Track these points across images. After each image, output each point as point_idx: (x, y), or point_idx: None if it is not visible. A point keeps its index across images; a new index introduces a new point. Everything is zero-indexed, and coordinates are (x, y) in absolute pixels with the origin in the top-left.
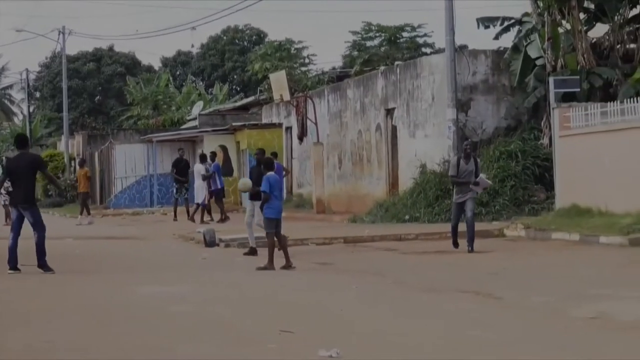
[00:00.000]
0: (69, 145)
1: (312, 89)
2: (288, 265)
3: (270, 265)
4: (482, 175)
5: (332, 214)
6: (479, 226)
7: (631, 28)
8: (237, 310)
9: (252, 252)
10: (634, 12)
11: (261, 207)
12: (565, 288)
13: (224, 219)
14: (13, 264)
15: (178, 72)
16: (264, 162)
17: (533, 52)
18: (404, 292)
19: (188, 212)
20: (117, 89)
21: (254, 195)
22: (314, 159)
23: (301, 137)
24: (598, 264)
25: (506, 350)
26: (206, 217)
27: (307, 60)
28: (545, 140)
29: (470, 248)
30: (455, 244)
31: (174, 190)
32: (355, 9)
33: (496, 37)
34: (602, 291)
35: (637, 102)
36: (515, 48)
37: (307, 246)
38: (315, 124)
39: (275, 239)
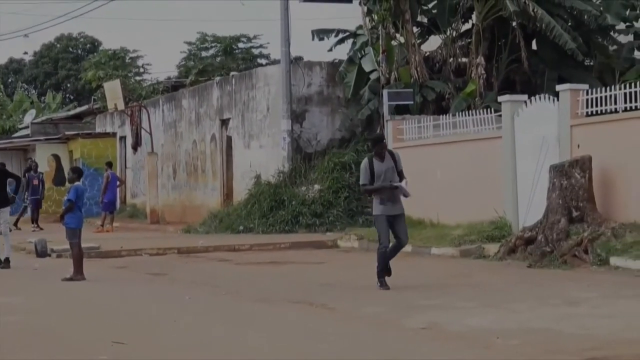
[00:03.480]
0: None
1: (147, 98)
2: (75, 277)
3: (77, 276)
4: (402, 184)
5: (166, 225)
6: (312, 237)
7: (463, 42)
8: (68, 321)
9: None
10: (466, 26)
11: (62, 217)
12: (397, 298)
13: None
14: None
15: (10, 80)
16: (74, 171)
17: (367, 65)
18: (238, 302)
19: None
20: None
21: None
22: (148, 168)
23: (135, 146)
24: (430, 274)
25: None
26: (32, 226)
27: (141, 70)
28: None
29: (380, 279)
30: (386, 273)
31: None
32: (190, 19)
33: (330, 49)
34: (433, 301)
35: (469, 115)
36: (350, 60)
37: (140, 257)
38: (150, 133)
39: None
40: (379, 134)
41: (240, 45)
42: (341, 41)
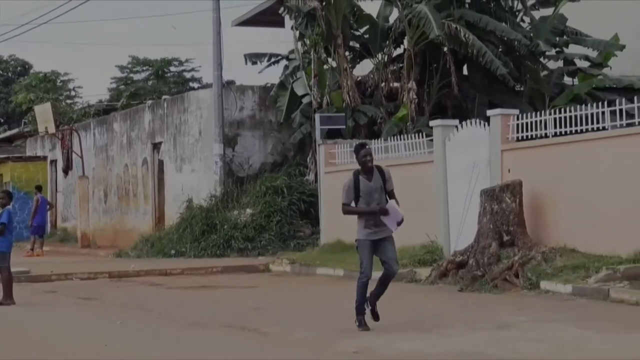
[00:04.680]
0: None
1: (78, 121)
2: (4, 302)
3: (7, 301)
4: (392, 202)
5: (98, 249)
6: (243, 261)
7: (395, 67)
8: None
9: None
10: (398, 51)
11: None
12: (329, 322)
13: None
14: None
15: None
16: (4, 195)
17: (299, 89)
18: (170, 327)
19: None
20: None
21: None
22: (79, 192)
23: (66, 170)
24: None
25: None
26: None
27: (73, 93)
28: (311, 176)
29: (373, 310)
30: (364, 305)
31: None
32: (122, 42)
33: (261, 72)
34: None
35: (400, 139)
36: (282, 85)
37: (71, 281)
38: (81, 157)
39: None
40: (361, 141)
41: (172, 68)
42: (273, 64)
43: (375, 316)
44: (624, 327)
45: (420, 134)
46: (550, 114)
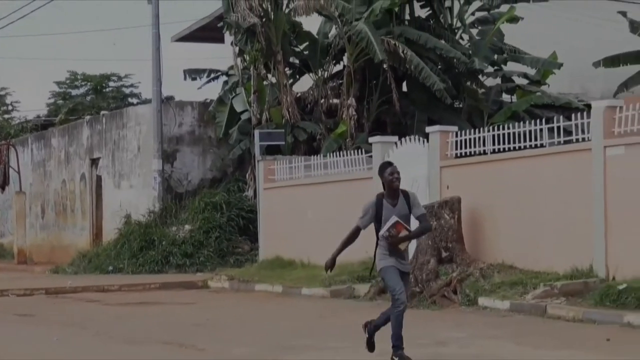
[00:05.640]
0: None
1: (15, 137)
2: None
3: None
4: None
5: (34, 265)
6: (182, 277)
7: (334, 83)
8: None
9: None
10: (338, 67)
11: None
12: (268, 339)
13: None
14: None
15: None
16: None
17: (239, 105)
18: (107, 344)
19: None
20: None
21: None
22: (16, 208)
23: (3, 185)
24: (300, 315)
25: None
26: None
27: (10, 107)
28: (250, 192)
29: (399, 352)
30: (368, 346)
31: None
32: (61, 57)
33: (200, 88)
34: (305, 342)
35: (340, 156)
36: (220, 100)
37: (7, 297)
38: (18, 172)
39: None
40: (386, 160)
41: (111, 84)
42: (213, 80)
43: (371, 346)
44: (560, 343)
45: (360, 151)
46: (488, 130)
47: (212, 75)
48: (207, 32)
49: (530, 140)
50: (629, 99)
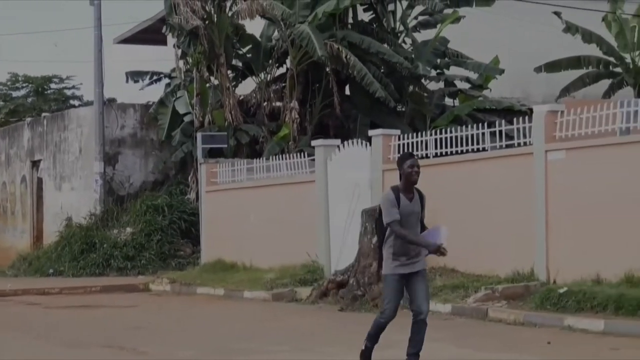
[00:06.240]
0: None
1: None
2: None
3: None
4: (442, 236)
5: None
6: (123, 280)
7: (278, 86)
8: None
9: None
10: (281, 70)
11: None
12: (210, 342)
13: None
14: None
15: None
16: None
17: (181, 108)
18: (47, 347)
19: None
20: None
21: None
22: None
23: None
24: (242, 318)
25: None
26: None
27: None
28: (192, 195)
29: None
30: (372, 347)
31: None
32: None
33: (142, 89)
34: (247, 345)
35: (282, 159)
36: (162, 103)
37: None
38: None
39: None
40: (407, 152)
41: (53, 86)
42: (155, 82)
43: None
44: (502, 346)
45: (302, 154)
46: (431, 134)
47: (155, 78)
48: (150, 34)
49: (473, 144)
50: (570, 103)
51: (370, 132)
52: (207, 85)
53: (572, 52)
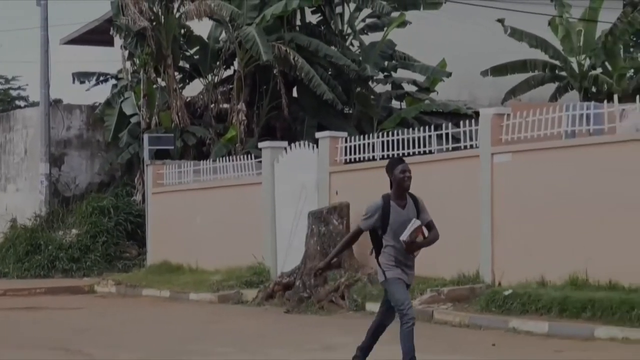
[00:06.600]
0: None
1: None
2: None
3: None
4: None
5: None
6: (68, 282)
7: (225, 88)
8: None
9: None
10: (228, 72)
11: None
12: (155, 344)
13: None
14: None
15: None
16: None
17: (128, 109)
18: None
19: None
20: None
21: None
22: None
23: None
24: (188, 320)
25: None
26: None
27: None
28: (139, 197)
29: None
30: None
31: None
32: None
33: (88, 89)
34: (192, 347)
35: (229, 161)
36: (108, 104)
37: None
38: None
39: None
40: (397, 157)
41: None
42: (102, 82)
43: (365, 352)
44: (447, 347)
45: (249, 156)
46: (378, 137)
47: (101, 79)
48: (97, 35)
49: (419, 146)
50: (516, 106)
51: (318, 134)
52: (154, 86)
53: (519, 55)
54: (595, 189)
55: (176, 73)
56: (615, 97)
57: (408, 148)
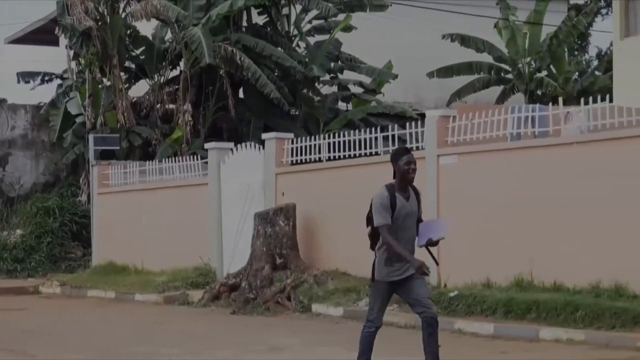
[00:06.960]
0: None
1: None
2: None
3: None
4: (442, 222)
5: None
6: (12, 283)
7: (171, 89)
8: None
9: None
10: (175, 73)
11: None
12: (100, 346)
13: None
14: None
15: None
16: None
17: (73, 109)
18: None
19: None
20: None
21: None
22: None
23: None
24: (133, 321)
25: None
26: None
27: None
28: (84, 197)
29: None
30: None
31: None
32: None
33: (33, 89)
34: (138, 349)
35: (175, 161)
36: (53, 104)
37: None
38: None
39: None
40: (403, 146)
41: None
42: (47, 82)
43: None
44: (392, 349)
45: (195, 156)
46: (324, 138)
47: (46, 78)
48: (42, 35)
49: (366, 148)
50: (462, 108)
51: (264, 136)
52: (100, 86)
53: (465, 57)
54: (540, 190)
55: (122, 73)
56: (560, 99)
57: (354, 149)
